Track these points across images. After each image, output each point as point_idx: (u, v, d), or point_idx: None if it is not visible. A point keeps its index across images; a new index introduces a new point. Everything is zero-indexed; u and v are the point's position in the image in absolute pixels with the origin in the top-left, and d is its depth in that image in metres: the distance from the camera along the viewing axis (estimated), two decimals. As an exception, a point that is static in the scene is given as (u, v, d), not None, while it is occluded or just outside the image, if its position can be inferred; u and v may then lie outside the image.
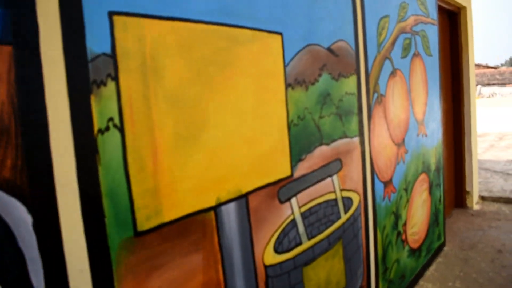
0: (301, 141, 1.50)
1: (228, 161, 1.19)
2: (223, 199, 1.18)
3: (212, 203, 1.14)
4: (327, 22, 1.65)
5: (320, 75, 1.61)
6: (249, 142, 1.26)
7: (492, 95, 23.56)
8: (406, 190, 2.46)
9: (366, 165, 1.99)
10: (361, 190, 1.94)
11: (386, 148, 2.21)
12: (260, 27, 1.30)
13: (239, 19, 1.22)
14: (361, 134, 1.94)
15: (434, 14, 2.87)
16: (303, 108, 1.51)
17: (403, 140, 2.42)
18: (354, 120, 1.88)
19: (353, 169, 1.87)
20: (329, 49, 1.66)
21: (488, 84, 27.05)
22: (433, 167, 2.91)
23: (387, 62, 2.20)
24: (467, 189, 4.04)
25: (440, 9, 3.45)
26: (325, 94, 1.65)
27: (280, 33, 1.39)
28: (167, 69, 1.02)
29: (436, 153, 2.97)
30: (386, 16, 2.18)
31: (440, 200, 3.09)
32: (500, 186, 4.48)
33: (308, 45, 1.53)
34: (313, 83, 1.57)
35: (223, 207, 1.18)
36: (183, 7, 1.05)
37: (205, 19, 1.11)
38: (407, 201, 2.49)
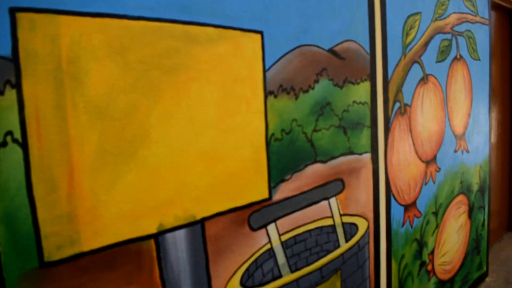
0: (285, 159, 1.29)
1: (176, 182, 1.02)
2: (168, 226, 1.01)
3: (152, 230, 0.98)
4: (329, 19, 1.41)
5: (316, 81, 1.38)
6: (208, 159, 1.08)
7: None
8: (435, 214, 2.14)
9: (380, 186, 1.72)
10: (370, 215, 1.68)
11: (410, 166, 1.91)
12: (230, 24, 1.11)
13: (199, 15, 1.04)
14: (374, 150, 1.67)
15: (485, 12, 2.48)
16: (290, 120, 1.30)
17: (434, 157, 2.09)
18: (365, 133, 1.62)
19: (360, 191, 1.61)
20: (331, 51, 1.43)
21: None
22: (475, 187, 2.53)
23: (416, 66, 1.90)
24: (524, 212, 3.53)
25: (497, 7, 3.00)
26: (323, 103, 1.41)
27: (259, 32, 1.19)
28: (92, 75, 0.87)
29: (480, 171, 2.58)
30: (417, 13, 1.88)
31: (483, 225, 2.69)
32: None
33: (300, 46, 1.31)
34: (306, 91, 1.35)
35: (168, 235, 1.01)
36: (116, 1, 0.90)
37: (148, 15, 0.94)
38: (437, 226, 2.16)
